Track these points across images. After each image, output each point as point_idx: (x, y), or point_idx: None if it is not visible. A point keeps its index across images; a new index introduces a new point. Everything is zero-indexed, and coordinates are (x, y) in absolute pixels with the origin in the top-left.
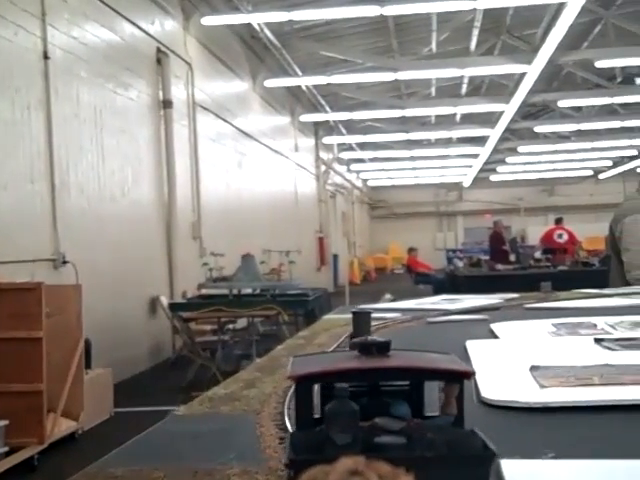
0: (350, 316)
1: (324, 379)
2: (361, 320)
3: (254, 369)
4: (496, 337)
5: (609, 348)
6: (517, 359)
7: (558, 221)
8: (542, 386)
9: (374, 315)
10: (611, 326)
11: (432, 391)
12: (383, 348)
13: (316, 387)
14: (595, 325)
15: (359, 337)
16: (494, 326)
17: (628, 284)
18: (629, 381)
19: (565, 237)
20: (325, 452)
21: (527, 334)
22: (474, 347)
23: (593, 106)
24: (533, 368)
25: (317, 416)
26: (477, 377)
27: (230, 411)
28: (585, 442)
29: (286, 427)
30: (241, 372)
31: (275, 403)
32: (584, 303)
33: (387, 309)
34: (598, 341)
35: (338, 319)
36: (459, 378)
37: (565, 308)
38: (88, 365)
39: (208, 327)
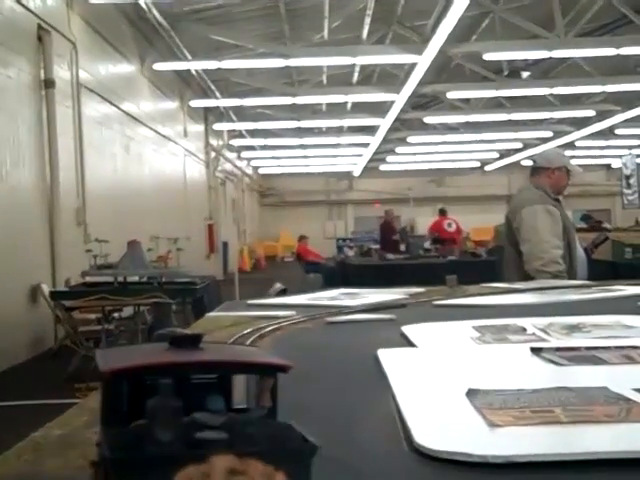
0: (239, 314)
1: (139, 373)
2: (162, 311)
3: None
4: (411, 344)
5: (553, 362)
6: (445, 377)
7: (442, 212)
8: (492, 424)
9: (264, 313)
10: (542, 330)
11: (239, 384)
12: (195, 341)
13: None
14: (524, 329)
15: (162, 329)
16: (406, 330)
17: (526, 275)
18: (601, 415)
19: (454, 226)
20: (146, 450)
21: (447, 340)
22: (388, 359)
23: (481, 98)
24: (471, 393)
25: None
26: (403, 408)
27: (58, 470)
28: None
29: None
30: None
31: None
32: (497, 300)
33: (279, 305)
34: (535, 351)
35: (223, 318)
36: (274, 371)
37: (479, 306)
38: None
39: (93, 316)
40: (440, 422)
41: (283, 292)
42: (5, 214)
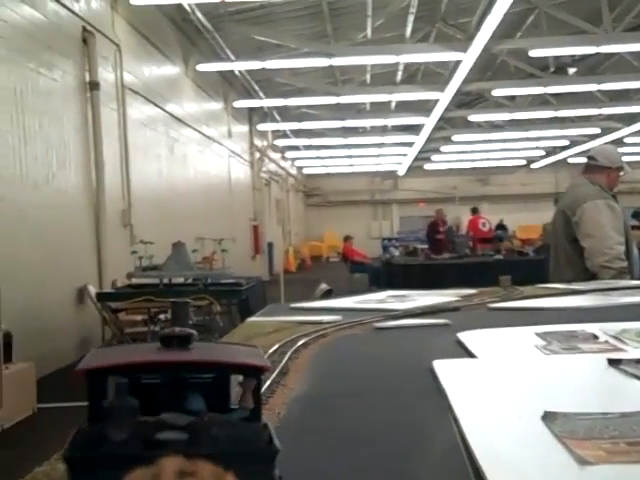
0: (282, 319)
1: (115, 372)
2: (179, 310)
3: None
4: (469, 353)
5: (636, 376)
6: (513, 395)
7: (474, 211)
8: (581, 460)
9: (308, 318)
10: (616, 338)
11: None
12: (184, 340)
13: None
14: (595, 336)
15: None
16: (463, 337)
17: (581, 272)
18: None
19: (488, 226)
20: (100, 448)
21: (509, 349)
22: (446, 372)
23: (526, 96)
24: (547, 417)
25: None
26: (468, 435)
27: None
28: None
29: None
30: None
31: None
32: (558, 302)
33: (324, 309)
34: (613, 363)
35: (265, 323)
36: (255, 372)
37: (540, 309)
38: (9, 359)
39: (139, 317)
40: (516, 455)
41: (329, 293)
42: (52, 216)
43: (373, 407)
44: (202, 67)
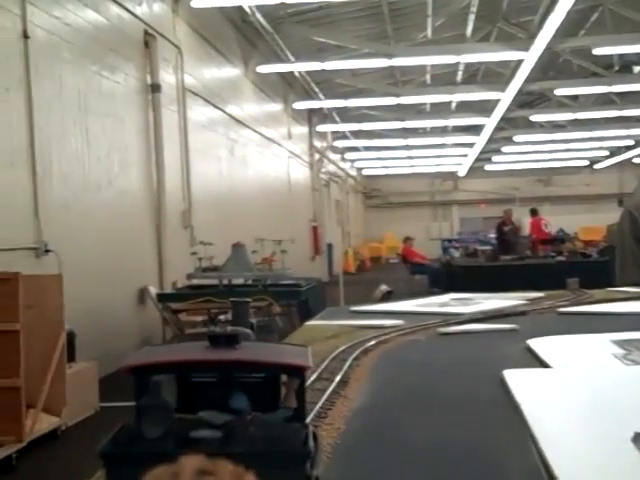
0: (341, 322)
1: (158, 370)
2: (240, 309)
3: None
4: (542, 363)
5: None
6: (596, 411)
7: (534, 212)
8: None
9: (369, 322)
10: None
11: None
12: (232, 340)
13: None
14: None
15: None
16: (533, 344)
17: None
18: None
19: (549, 227)
20: (134, 446)
21: (585, 359)
22: (518, 383)
23: (590, 95)
24: (638, 439)
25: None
26: (551, 460)
27: None
28: None
29: None
30: None
31: None
32: (633, 307)
33: (385, 312)
34: None
35: (324, 327)
36: (297, 372)
37: (613, 314)
38: (72, 358)
39: (199, 318)
40: None
41: (389, 294)
42: (114, 217)
43: (439, 423)
44: (262, 69)
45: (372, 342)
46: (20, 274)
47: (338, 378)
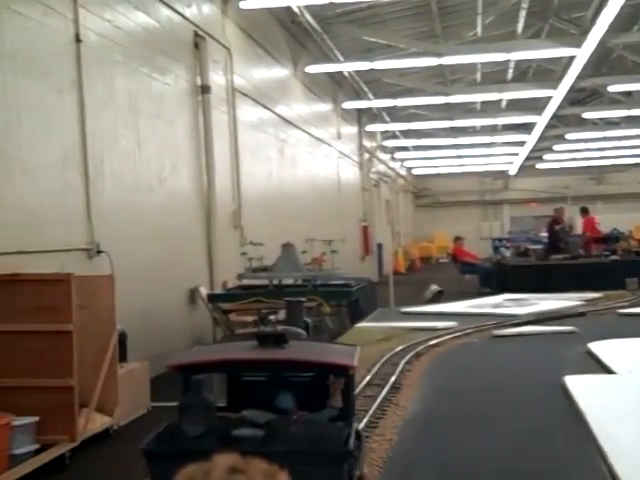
0: (392, 324)
1: (202, 369)
2: (294, 309)
3: None
4: (605, 368)
5: None
6: None
7: (584, 211)
8: None
9: (420, 324)
10: None
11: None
12: (280, 339)
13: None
14: None
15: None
16: (595, 348)
17: None
18: None
19: (601, 226)
20: (176, 443)
21: None
22: (581, 390)
23: None
24: None
25: (223, 404)
26: (621, 477)
27: None
28: None
29: None
30: None
31: None
32: None
33: (436, 313)
34: None
35: (375, 329)
36: (342, 372)
37: None
38: (124, 358)
39: (250, 318)
40: None
41: (439, 294)
42: (164, 218)
43: (496, 434)
44: (311, 69)
45: (424, 345)
46: (73, 275)
47: (389, 384)
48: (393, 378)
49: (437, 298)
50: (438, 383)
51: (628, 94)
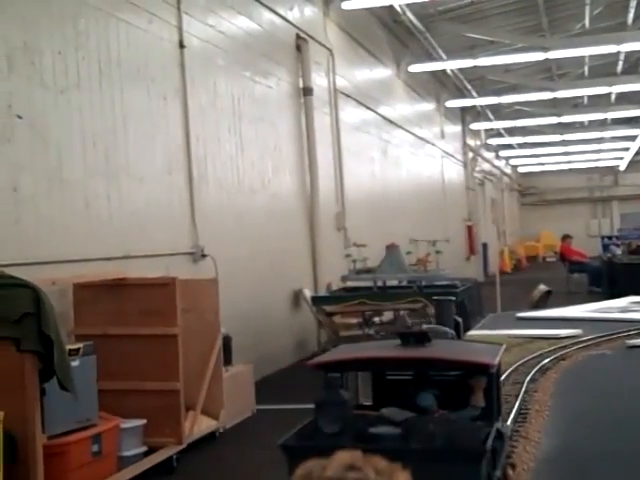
0: (508, 332)
1: (339, 367)
2: (443, 308)
3: None
4: None
5: None
6: None
7: None
8: None
9: (540, 332)
10: None
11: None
12: (422, 338)
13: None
14: None
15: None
16: None
17: None
18: None
19: None
20: (314, 440)
21: None
22: None
23: None
24: None
25: (368, 403)
26: None
27: None
28: None
29: None
30: None
31: None
32: None
33: (557, 319)
34: None
35: (488, 338)
36: (481, 371)
37: None
38: (228, 361)
39: (354, 320)
40: None
41: (548, 294)
42: (268, 221)
43: None
44: (414, 68)
45: (549, 358)
46: (177, 279)
47: (515, 409)
48: (517, 403)
49: (545, 298)
50: (571, 408)
51: None
